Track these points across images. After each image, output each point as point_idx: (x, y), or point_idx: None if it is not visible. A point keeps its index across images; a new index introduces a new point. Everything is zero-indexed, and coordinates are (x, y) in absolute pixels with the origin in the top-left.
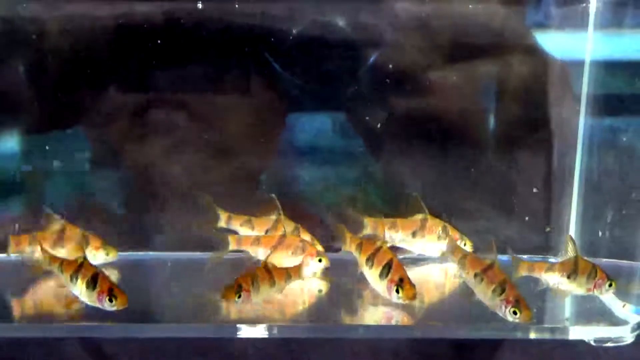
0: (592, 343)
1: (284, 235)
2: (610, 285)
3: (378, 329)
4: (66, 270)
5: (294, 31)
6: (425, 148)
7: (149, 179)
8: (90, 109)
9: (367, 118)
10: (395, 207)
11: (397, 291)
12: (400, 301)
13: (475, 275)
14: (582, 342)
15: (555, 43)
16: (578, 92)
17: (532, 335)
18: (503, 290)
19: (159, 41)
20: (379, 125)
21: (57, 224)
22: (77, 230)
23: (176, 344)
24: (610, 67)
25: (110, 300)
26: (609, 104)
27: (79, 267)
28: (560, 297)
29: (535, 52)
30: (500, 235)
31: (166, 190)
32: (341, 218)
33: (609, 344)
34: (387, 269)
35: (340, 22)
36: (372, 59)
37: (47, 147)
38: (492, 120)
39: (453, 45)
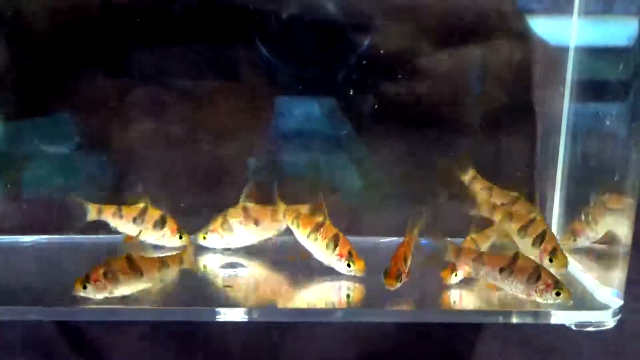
0: (574, 327)
1: None
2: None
3: (357, 312)
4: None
5: (284, 14)
6: (412, 132)
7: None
8: (72, 92)
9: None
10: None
11: None
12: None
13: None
14: None
15: (541, 27)
16: (563, 76)
17: (515, 320)
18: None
19: (142, 21)
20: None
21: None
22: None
23: None
24: (594, 53)
25: (349, 265)
26: (593, 89)
27: (319, 225)
28: None
29: (524, 36)
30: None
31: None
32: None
33: (591, 329)
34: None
35: (330, 6)
36: (363, 43)
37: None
38: (480, 104)
39: (442, 29)
